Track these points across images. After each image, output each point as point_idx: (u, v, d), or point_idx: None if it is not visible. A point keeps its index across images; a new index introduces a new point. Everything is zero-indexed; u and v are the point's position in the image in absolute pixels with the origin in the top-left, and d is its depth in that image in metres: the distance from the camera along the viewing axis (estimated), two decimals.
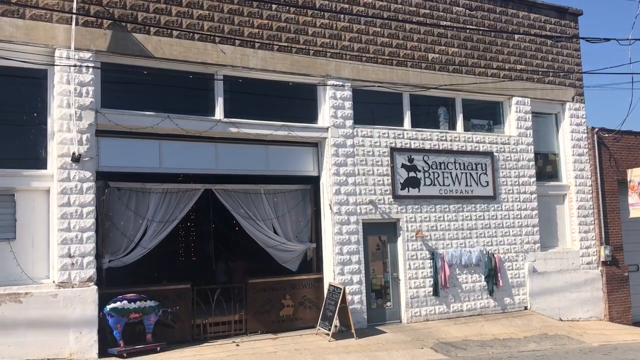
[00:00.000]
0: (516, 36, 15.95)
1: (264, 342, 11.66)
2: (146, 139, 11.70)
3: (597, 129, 16.91)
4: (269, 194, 13.17)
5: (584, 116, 16.85)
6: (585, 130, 16.80)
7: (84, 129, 10.74)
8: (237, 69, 12.36)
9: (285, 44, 12.82)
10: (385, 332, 12.67)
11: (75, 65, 10.70)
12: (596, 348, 12.23)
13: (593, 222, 16.54)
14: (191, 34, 11.86)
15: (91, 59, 10.92)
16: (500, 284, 14.77)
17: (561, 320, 15.21)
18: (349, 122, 13.43)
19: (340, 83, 13.35)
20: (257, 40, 12.53)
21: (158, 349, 10.70)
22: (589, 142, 16.79)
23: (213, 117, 12.13)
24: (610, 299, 16.31)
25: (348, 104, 13.44)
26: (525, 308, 15.17)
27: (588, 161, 16.71)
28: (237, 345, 11.36)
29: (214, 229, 17.33)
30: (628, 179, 16.47)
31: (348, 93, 13.46)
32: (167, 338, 11.13)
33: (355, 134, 13.49)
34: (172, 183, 12.46)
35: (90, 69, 10.88)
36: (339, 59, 13.40)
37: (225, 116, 12.21)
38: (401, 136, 14.08)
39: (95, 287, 10.53)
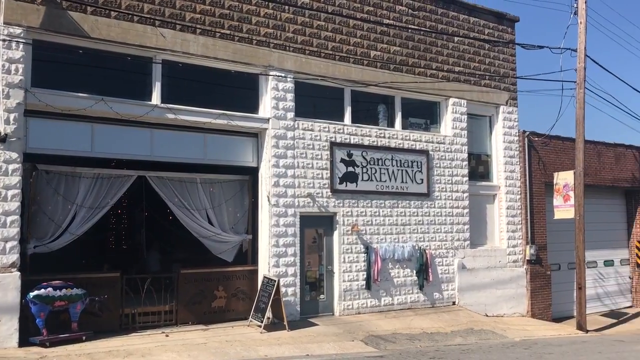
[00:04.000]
0: (455, 38, 16.33)
1: (195, 333, 11.52)
2: (78, 122, 11.30)
3: (527, 133, 17.58)
4: (205, 183, 12.99)
5: (517, 120, 17.47)
6: (517, 134, 17.42)
7: (11, 107, 10.24)
8: (177, 54, 12.09)
9: (228, 32, 12.64)
10: (318, 325, 12.76)
11: (4, 40, 10.18)
12: (518, 343, 12.74)
13: (520, 222, 17.20)
14: (130, 16, 11.50)
15: (22, 35, 10.41)
16: (431, 279, 15.15)
17: (487, 315, 15.76)
18: (290, 114, 13.40)
19: (283, 74, 13.29)
20: (198, 26, 12.29)
21: (84, 338, 10.37)
22: (519, 145, 17.43)
23: (150, 102, 11.83)
24: (533, 296, 17.04)
25: (290, 96, 13.40)
26: (454, 303, 15.64)
27: (518, 163, 17.36)
28: (167, 335, 11.17)
29: (147, 218, 16.95)
30: (554, 182, 17.20)
31: (290, 85, 13.42)
32: (93, 327, 10.80)
33: (296, 126, 13.47)
34: (104, 168, 12.10)
35: (21, 46, 10.37)
36: (282, 50, 13.34)
37: (163, 101, 11.93)
38: (341, 131, 14.17)
39: (19, 273, 10.08)
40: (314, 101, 14.19)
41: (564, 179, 16.89)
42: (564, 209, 16.77)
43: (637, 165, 20.66)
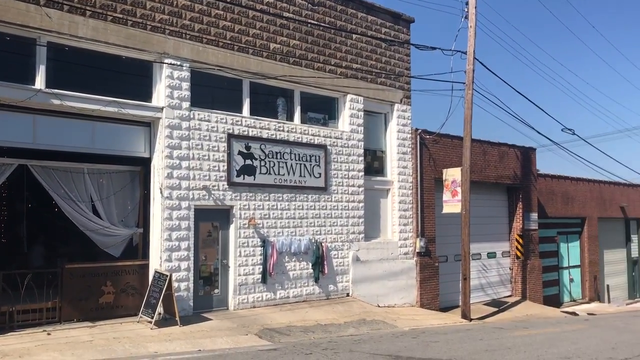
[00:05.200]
0: (354, 36, 16.62)
1: (80, 330, 10.95)
2: None
3: (420, 131, 18.25)
4: (93, 174, 12.37)
5: (410, 118, 18.09)
6: (410, 131, 18.05)
7: None
8: (64, 36, 11.39)
9: (120, 16, 12.08)
10: (211, 320, 12.56)
11: None
12: (407, 332, 13.24)
13: (412, 216, 17.86)
14: None
15: None
16: (326, 271, 15.38)
17: (379, 306, 16.25)
18: (186, 104, 13.05)
19: (179, 63, 12.91)
20: (88, 8, 11.64)
21: None
22: (412, 142, 18.08)
23: (32, 87, 11.06)
24: (423, 287, 17.76)
25: (185, 85, 13.05)
26: (348, 295, 15.97)
27: (411, 160, 18.00)
28: (49, 334, 10.54)
29: (29, 209, 15.88)
30: (443, 178, 18.00)
31: (186, 74, 13.06)
32: None
33: (191, 116, 13.14)
34: None
35: None
36: (178, 37, 12.95)
37: (47, 86, 11.20)
38: (239, 123, 14.00)
39: None
40: (211, 91, 13.91)
41: (452, 175, 17.69)
42: (452, 203, 17.59)
43: (519, 163, 22.12)
